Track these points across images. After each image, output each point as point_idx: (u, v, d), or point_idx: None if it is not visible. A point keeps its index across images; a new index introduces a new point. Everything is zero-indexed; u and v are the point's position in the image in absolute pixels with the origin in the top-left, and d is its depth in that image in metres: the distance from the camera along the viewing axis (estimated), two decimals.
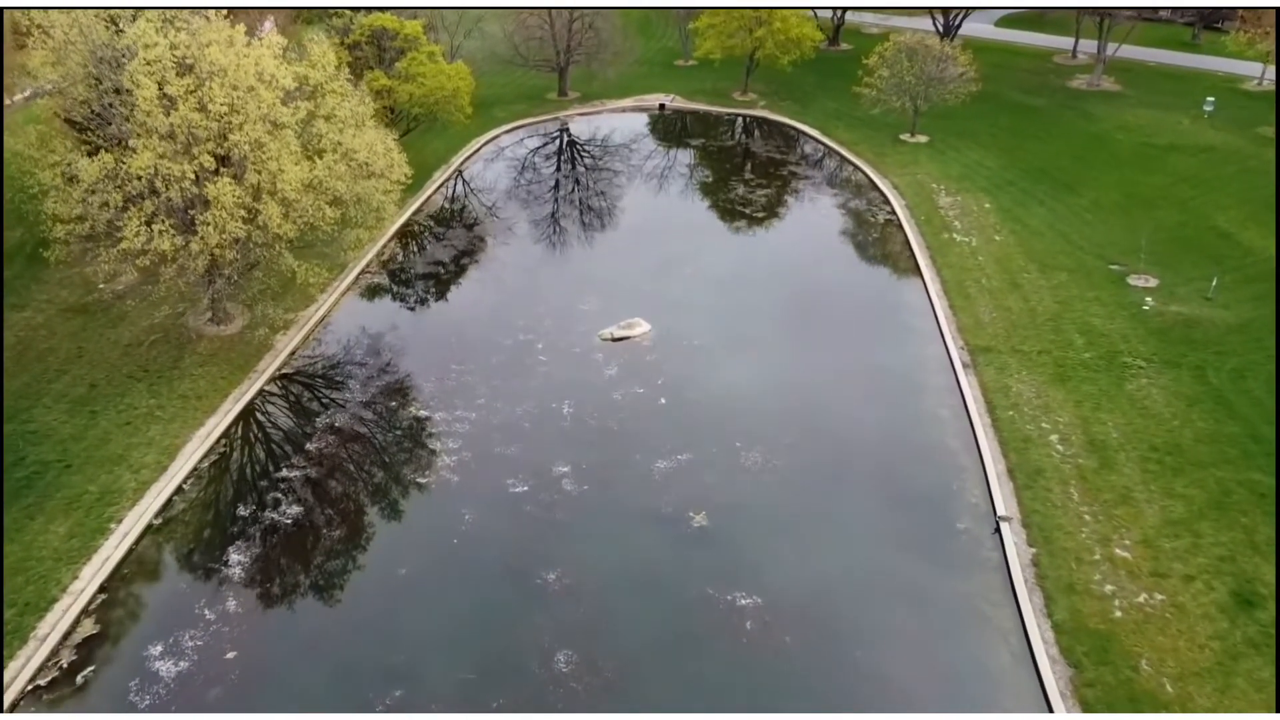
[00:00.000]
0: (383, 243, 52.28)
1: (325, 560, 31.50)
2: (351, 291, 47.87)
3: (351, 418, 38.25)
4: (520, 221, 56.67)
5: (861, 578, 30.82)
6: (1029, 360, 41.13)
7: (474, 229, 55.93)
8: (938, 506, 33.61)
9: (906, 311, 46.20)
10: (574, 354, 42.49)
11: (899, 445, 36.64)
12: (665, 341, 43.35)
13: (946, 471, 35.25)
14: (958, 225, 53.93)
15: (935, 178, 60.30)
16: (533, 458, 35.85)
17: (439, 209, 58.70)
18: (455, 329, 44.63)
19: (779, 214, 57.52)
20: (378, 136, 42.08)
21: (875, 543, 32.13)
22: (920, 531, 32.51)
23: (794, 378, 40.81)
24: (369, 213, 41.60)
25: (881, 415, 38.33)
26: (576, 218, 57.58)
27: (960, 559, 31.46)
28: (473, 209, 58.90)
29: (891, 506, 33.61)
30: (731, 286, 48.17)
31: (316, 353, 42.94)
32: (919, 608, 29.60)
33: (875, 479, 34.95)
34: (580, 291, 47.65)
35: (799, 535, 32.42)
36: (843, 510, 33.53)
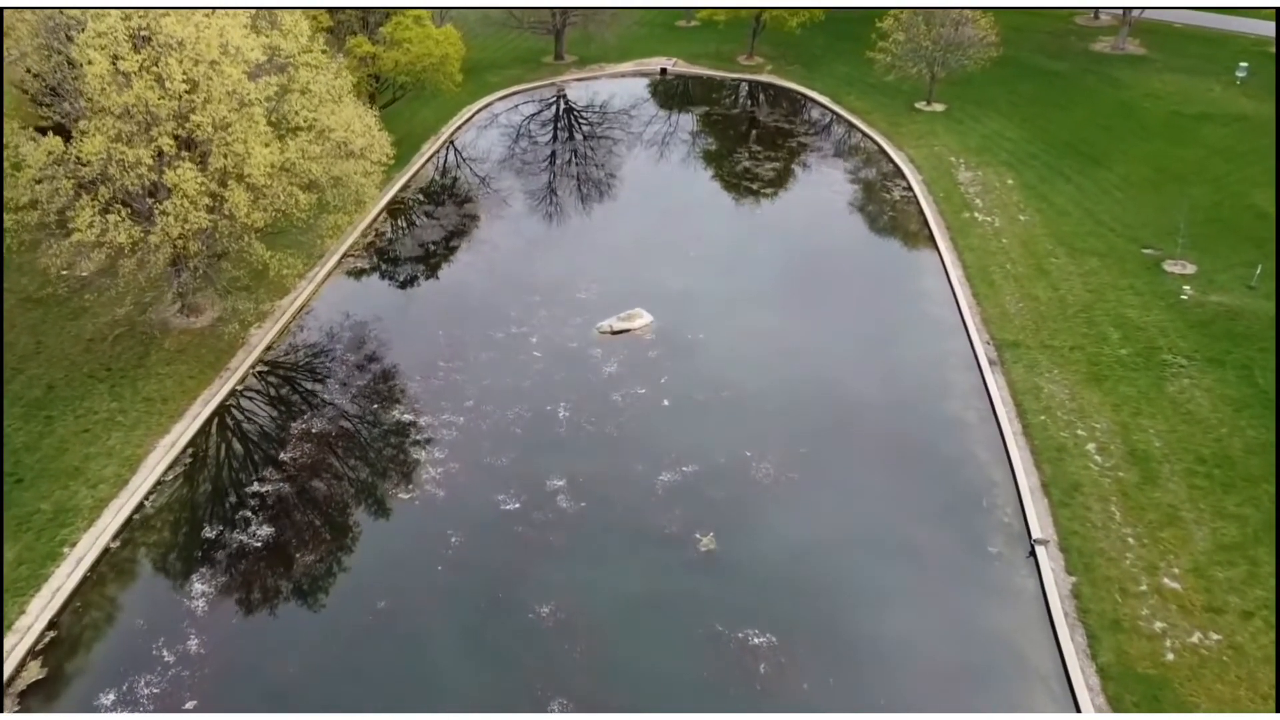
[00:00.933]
0: (367, 222, 49.04)
1: (297, 591, 28.78)
2: (333, 278, 44.74)
3: (330, 423, 35.35)
4: (514, 197, 53.37)
5: (885, 611, 28.11)
6: (1060, 357, 38.16)
7: (465, 206, 52.64)
8: (967, 527, 30.86)
9: (926, 300, 43.13)
10: (570, 349, 39.51)
11: (923, 455, 33.79)
12: (668, 335, 40.35)
13: (975, 486, 32.44)
14: (979, 203, 50.65)
15: (953, 150, 56.86)
16: (525, 469, 33.03)
17: (428, 183, 55.34)
18: (444, 320, 41.57)
19: (788, 190, 54.18)
20: (356, 113, 38.67)
21: (900, 569, 29.40)
22: (949, 556, 29.78)
23: (807, 376, 37.87)
24: (347, 197, 38.35)
25: (903, 420, 35.45)
26: (573, 193, 54.24)
27: (993, 588, 28.76)
28: (464, 183, 55.54)
29: (917, 526, 30.85)
30: (738, 271, 45.05)
31: (293, 348, 39.93)
32: (949, 647, 26.93)
33: (898, 494, 32.15)
34: (577, 276, 44.53)
35: (815, 561, 29.70)
36: (863, 531, 30.77)
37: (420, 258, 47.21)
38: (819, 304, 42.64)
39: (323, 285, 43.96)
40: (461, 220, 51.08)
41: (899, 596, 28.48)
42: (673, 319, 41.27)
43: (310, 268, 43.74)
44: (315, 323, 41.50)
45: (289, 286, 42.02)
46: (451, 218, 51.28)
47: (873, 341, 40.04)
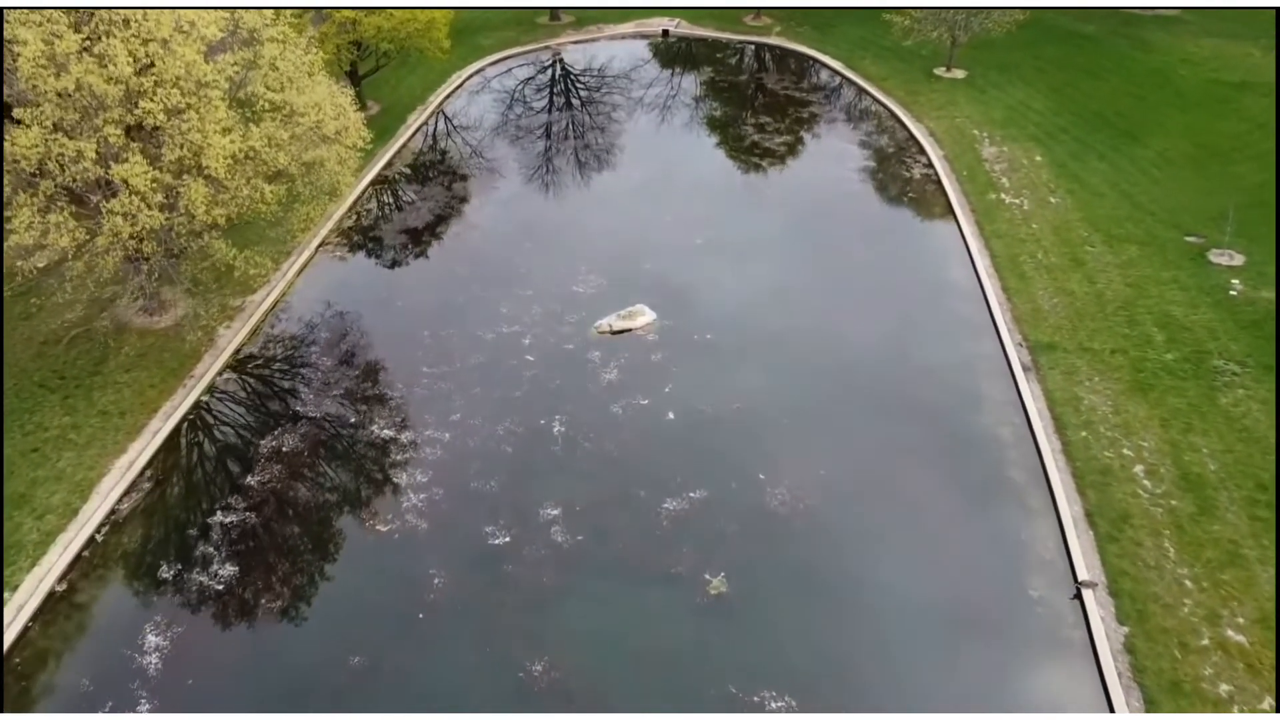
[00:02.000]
0: (347, 205, 45.52)
1: (263, 645, 25.89)
2: (310, 268, 41.33)
3: (303, 440, 32.24)
4: (506, 174, 49.76)
5: (917, 671, 25.25)
6: (1101, 362, 34.96)
7: (453, 185, 49.03)
8: (1005, 564, 27.91)
9: (952, 294, 39.78)
10: (566, 352, 36.28)
11: (954, 479, 30.75)
12: (673, 335, 37.10)
13: (1012, 515, 29.44)
14: (1005, 183, 47.06)
15: (977, 122, 53.08)
16: (517, 495, 30.01)
17: (414, 158, 51.66)
18: (429, 318, 38.25)
19: (800, 167, 50.49)
20: (328, 93, 34.98)
21: (932, 617, 26.48)
22: (985, 600, 26.85)
23: (824, 384, 34.73)
24: (320, 187, 34.84)
25: (930, 437, 32.35)
26: (570, 171, 50.58)
27: (1036, 640, 25.87)
28: (453, 158, 51.86)
29: (949, 565, 27.90)
30: (747, 261, 41.64)
31: (265, 351, 36.68)
32: (989, 714, 24.12)
33: (928, 527, 29.16)
34: (574, 266, 41.15)
35: (837, 608, 26.79)
36: (888, 569, 27.82)
37: (404, 245, 43.75)
38: (835, 299, 39.32)
39: (298, 278, 40.57)
40: (450, 201, 47.52)
41: (931, 652, 25.59)
42: (677, 316, 38.00)
43: (284, 259, 40.34)
44: (289, 321, 38.20)
45: (255, 286, 38.63)
46: (439, 198, 47.71)
47: (895, 343, 36.77)
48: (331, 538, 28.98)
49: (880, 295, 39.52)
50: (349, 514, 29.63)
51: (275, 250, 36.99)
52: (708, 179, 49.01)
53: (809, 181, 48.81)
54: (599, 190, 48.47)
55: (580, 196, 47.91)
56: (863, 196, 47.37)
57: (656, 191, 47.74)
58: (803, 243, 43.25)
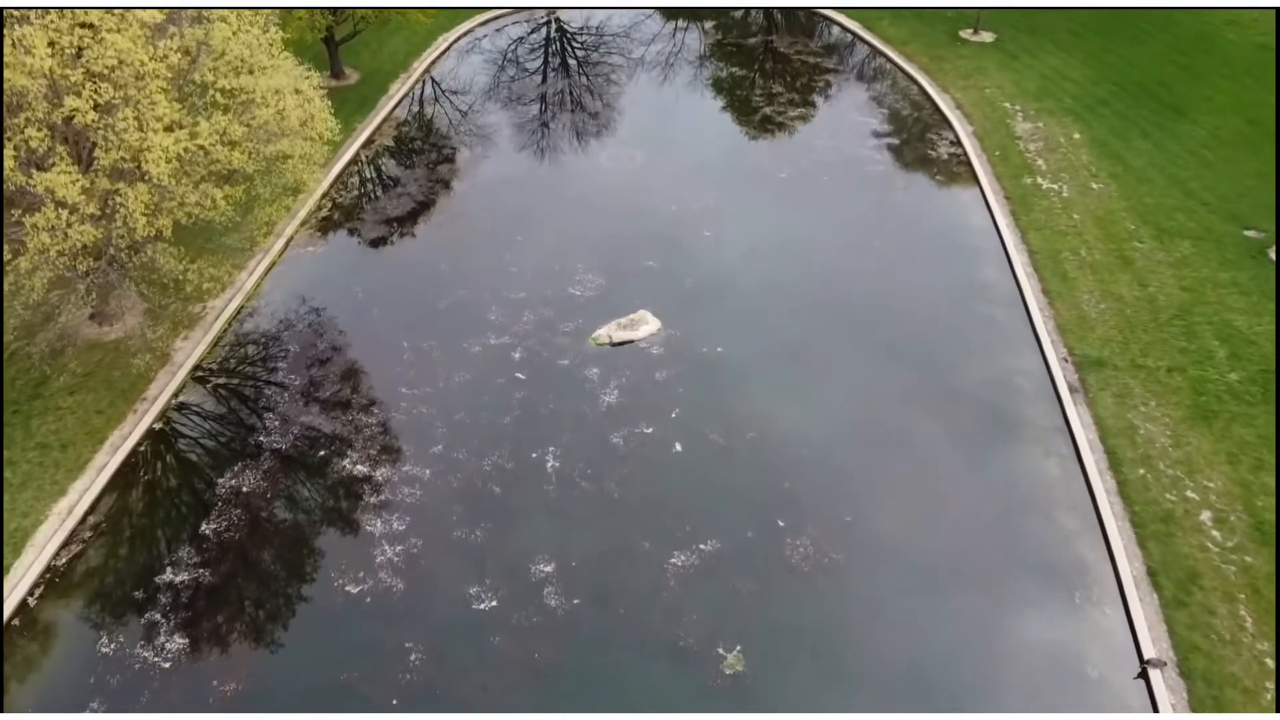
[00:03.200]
0: (322, 191, 41.49)
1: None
2: (279, 266, 37.47)
3: (266, 478, 28.75)
4: (496, 154, 45.60)
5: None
6: (1156, 383, 31.38)
7: (438, 167, 44.89)
8: (1058, 636, 24.65)
9: (987, 298, 36.02)
10: (561, 369, 32.66)
11: (995, 526, 27.38)
12: (679, 347, 33.46)
13: (1064, 573, 26.11)
14: (1042, 165, 42.98)
15: (1008, 94, 48.76)
16: (505, 547, 26.65)
17: (396, 135, 47.40)
18: (410, 326, 34.53)
19: (815, 146, 46.22)
20: (288, 80, 30.82)
21: (974, 699, 23.27)
22: (1037, 682, 23.63)
23: (847, 408, 31.20)
24: (281, 186, 30.89)
25: (969, 474, 28.91)
26: (565, 150, 46.37)
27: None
28: (438, 135, 47.62)
29: (992, 636, 24.65)
30: (759, 257, 37.81)
31: (226, 367, 33.04)
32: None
33: (967, 585, 25.84)
34: (570, 262, 37.35)
35: (870, 688, 23.56)
36: (927, 643, 24.54)
37: (383, 238, 39.81)
38: (857, 305, 35.58)
39: (265, 278, 36.71)
40: (434, 185, 43.45)
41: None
42: (684, 324, 34.32)
43: (250, 257, 36.45)
44: (254, 331, 34.47)
45: (227, 279, 34.79)
46: (422, 181, 43.62)
47: (926, 357, 33.13)
48: (296, 601, 25.64)
49: (908, 298, 35.76)
50: (316, 571, 26.26)
51: (234, 257, 33.01)
52: (715, 159, 44.86)
53: (825, 163, 44.63)
54: (597, 173, 44.36)
55: (577, 179, 43.82)
56: (885, 180, 43.27)
57: (660, 174, 43.65)
58: (819, 236, 39.37)
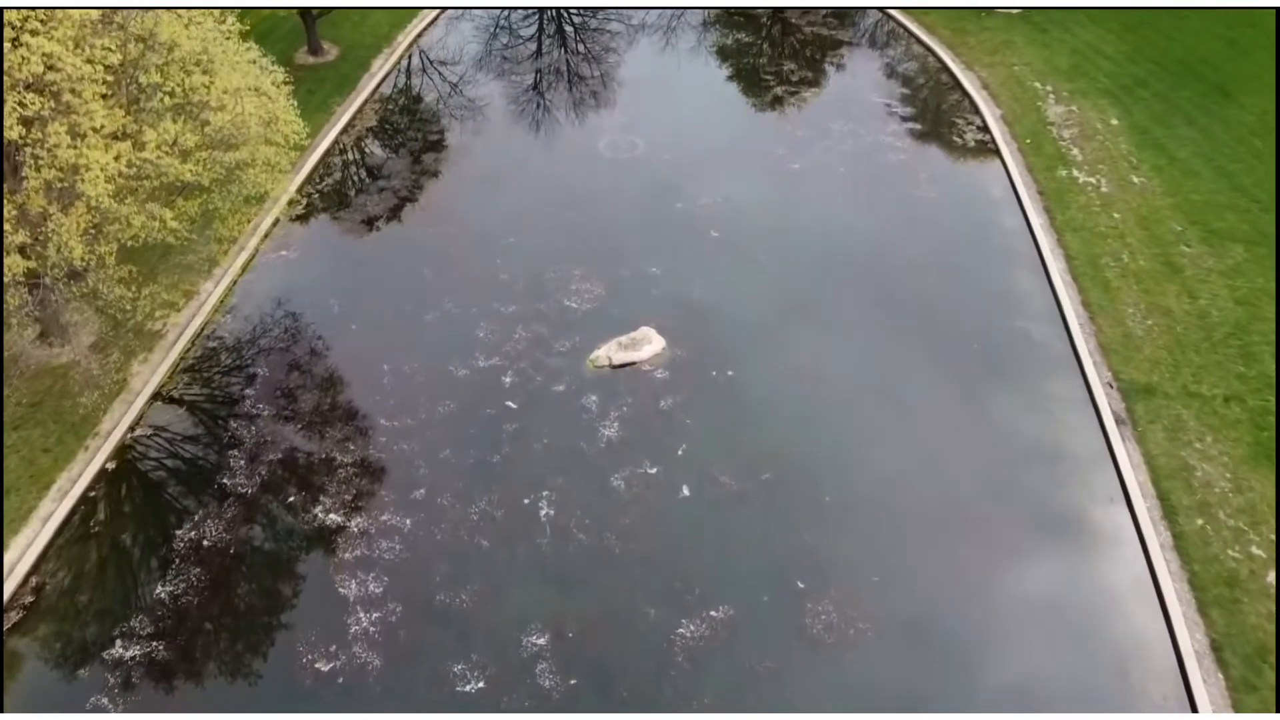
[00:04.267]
0: (296, 185, 38.20)
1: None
2: (247, 276, 34.30)
3: (228, 528, 25.96)
4: (486, 142, 42.24)
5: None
6: (1212, 414, 28.44)
7: (423, 157, 41.51)
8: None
9: (1021, 311, 32.92)
10: (556, 396, 29.72)
11: (1039, 587, 24.61)
12: (685, 370, 30.49)
13: (1117, 644, 23.38)
14: (1077, 155, 39.61)
15: (1038, 72, 45.17)
16: (494, 614, 23.93)
17: (378, 120, 43.94)
18: (390, 346, 31.54)
19: (830, 131, 42.69)
20: (245, 79, 27.40)
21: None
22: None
23: (869, 440, 28.30)
24: (240, 199, 27.68)
25: (1007, 522, 26.08)
26: (562, 136, 42.97)
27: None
28: (423, 120, 44.18)
29: (1050, 707, 22.01)
30: (772, 266, 34.67)
31: (188, 395, 30.07)
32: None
33: (1010, 660, 23.15)
34: (566, 269, 34.25)
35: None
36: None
37: (363, 242, 36.64)
38: (880, 316, 32.53)
39: (232, 291, 33.59)
40: (419, 178, 40.12)
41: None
42: (691, 343, 31.33)
43: (209, 277, 33.30)
44: (219, 352, 31.48)
45: (190, 290, 31.70)
46: (405, 174, 40.28)
47: (958, 383, 30.15)
48: (259, 681, 22.95)
49: (936, 313, 32.68)
50: (283, 644, 23.55)
51: (191, 278, 29.79)
52: (722, 146, 41.44)
53: (842, 151, 41.20)
54: (595, 162, 40.96)
55: (573, 170, 40.46)
56: (906, 172, 39.88)
57: (662, 164, 40.29)
58: (837, 239, 36.14)
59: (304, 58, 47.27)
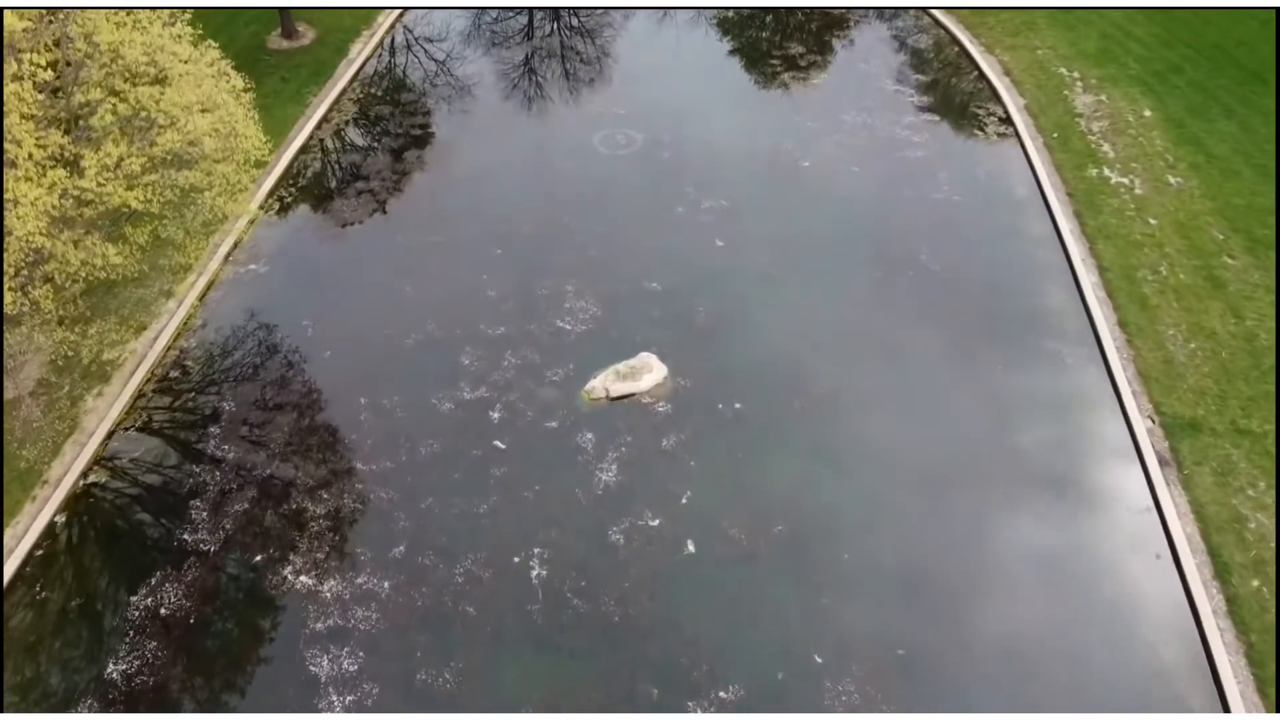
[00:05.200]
0: (265, 192, 35.42)
1: None
2: (214, 293, 31.61)
3: (188, 596, 23.60)
4: (472, 136, 39.33)
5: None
6: (1264, 453, 26.06)
7: (404, 155, 38.59)
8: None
9: (1052, 331, 30.37)
10: (548, 434, 27.26)
11: (1077, 659, 22.38)
12: (689, 402, 28.02)
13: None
14: (1108, 152, 36.83)
15: (1063, 56, 42.19)
16: (481, 697, 21.68)
17: (356, 112, 40.92)
18: (368, 376, 29.00)
19: (843, 124, 39.72)
20: (198, 91, 24.48)
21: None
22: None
23: (891, 487, 25.91)
24: (196, 224, 24.94)
25: (1040, 584, 23.79)
26: (552, 129, 40.04)
27: None
28: (404, 112, 41.18)
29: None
30: (779, 275, 32.07)
31: (147, 435, 27.51)
32: None
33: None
34: (559, 285, 31.67)
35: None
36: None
37: (340, 253, 33.88)
38: (899, 338, 29.99)
39: (197, 310, 30.90)
40: (400, 179, 37.27)
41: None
42: (695, 370, 28.83)
43: (169, 298, 30.60)
44: (182, 383, 28.90)
45: (145, 320, 29.03)
46: (386, 175, 37.41)
47: (985, 415, 27.72)
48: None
49: (960, 331, 30.17)
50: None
51: (143, 313, 27.01)
52: (726, 140, 38.57)
53: (855, 146, 38.31)
54: (589, 159, 38.07)
55: (566, 169, 37.59)
56: (925, 171, 37.06)
57: (662, 162, 37.48)
58: (852, 248, 33.48)
59: (277, 41, 44.15)
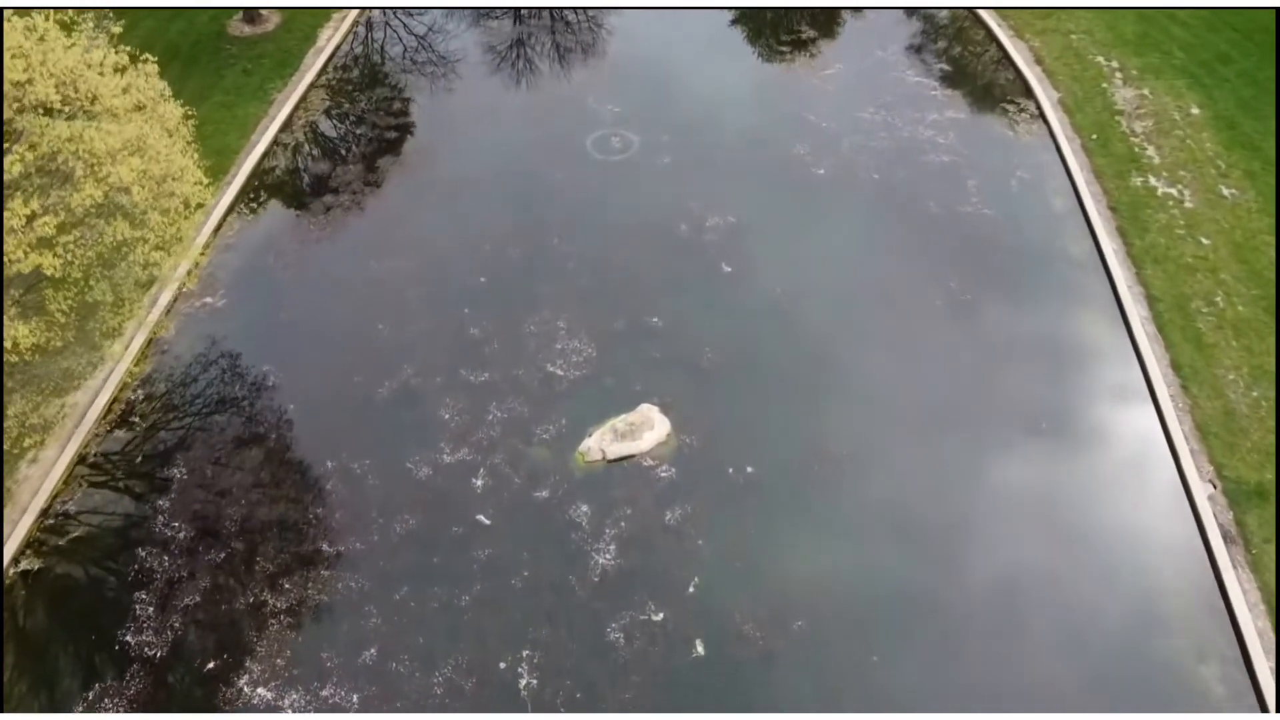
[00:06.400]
0: (225, 206, 32.01)
1: None
2: (165, 334, 28.36)
3: (130, 709, 20.79)
4: (453, 137, 35.80)
5: None
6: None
7: (378, 162, 35.06)
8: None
9: (1096, 374, 27.30)
10: (537, 506, 24.32)
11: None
12: (696, 465, 25.06)
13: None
14: (1153, 156, 33.43)
15: (1100, 42, 38.51)
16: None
17: (326, 110, 37.24)
18: (336, 434, 25.93)
19: (861, 123, 36.06)
20: (121, 130, 20.89)
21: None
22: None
23: (921, 566, 23.06)
24: (126, 284, 21.60)
25: (1084, 682, 21.07)
26: (541, 129, 36.37)
27: None
28: (378, 109, 37.51)
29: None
30: (796, 316, 28.89)
31: (84, 511, 24.49)
32: None
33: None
34: (549, 322, 28.53)
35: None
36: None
37: (305, 285, 30.48)
38: (931, 388, 26.94)
39: (146, 352, 27.70)
40: (373, 192, 33.81)
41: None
42: (702, 425, 25.84)
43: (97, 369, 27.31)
44: (128, 446, 25.80)
45: (86, 369, 25.82)
46: (358, 186, 33.91)
47: (1023, 475, 24.79)
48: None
49: (995, 373, 27.11)
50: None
51: (70, 384, 23.68)
52: (731, 144, 35.07)
53: (875, 150, 34.78)
54: (582, 167, 34.56)
55: (556, 179, 34.05)
56: (951, 179, 33.62)
57: (662, 169, 34.03)
58: (873, 270, 30.26)
59: (239, 27, 40.29)
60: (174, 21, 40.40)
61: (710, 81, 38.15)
